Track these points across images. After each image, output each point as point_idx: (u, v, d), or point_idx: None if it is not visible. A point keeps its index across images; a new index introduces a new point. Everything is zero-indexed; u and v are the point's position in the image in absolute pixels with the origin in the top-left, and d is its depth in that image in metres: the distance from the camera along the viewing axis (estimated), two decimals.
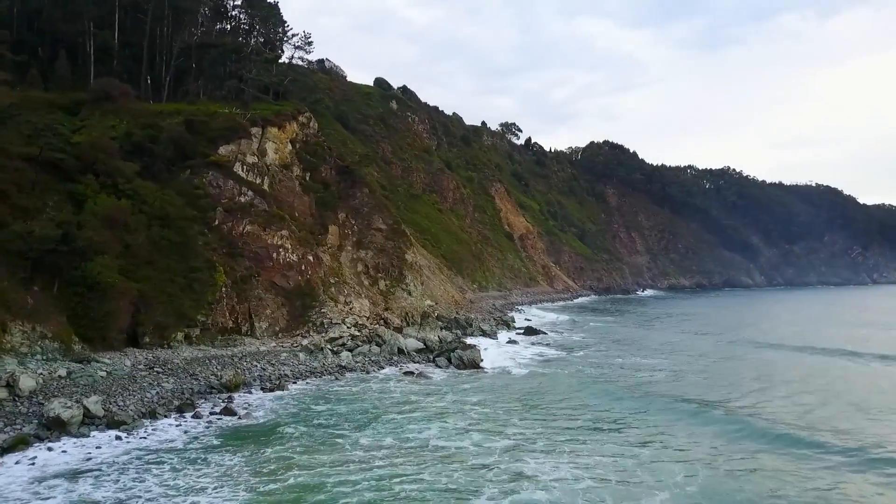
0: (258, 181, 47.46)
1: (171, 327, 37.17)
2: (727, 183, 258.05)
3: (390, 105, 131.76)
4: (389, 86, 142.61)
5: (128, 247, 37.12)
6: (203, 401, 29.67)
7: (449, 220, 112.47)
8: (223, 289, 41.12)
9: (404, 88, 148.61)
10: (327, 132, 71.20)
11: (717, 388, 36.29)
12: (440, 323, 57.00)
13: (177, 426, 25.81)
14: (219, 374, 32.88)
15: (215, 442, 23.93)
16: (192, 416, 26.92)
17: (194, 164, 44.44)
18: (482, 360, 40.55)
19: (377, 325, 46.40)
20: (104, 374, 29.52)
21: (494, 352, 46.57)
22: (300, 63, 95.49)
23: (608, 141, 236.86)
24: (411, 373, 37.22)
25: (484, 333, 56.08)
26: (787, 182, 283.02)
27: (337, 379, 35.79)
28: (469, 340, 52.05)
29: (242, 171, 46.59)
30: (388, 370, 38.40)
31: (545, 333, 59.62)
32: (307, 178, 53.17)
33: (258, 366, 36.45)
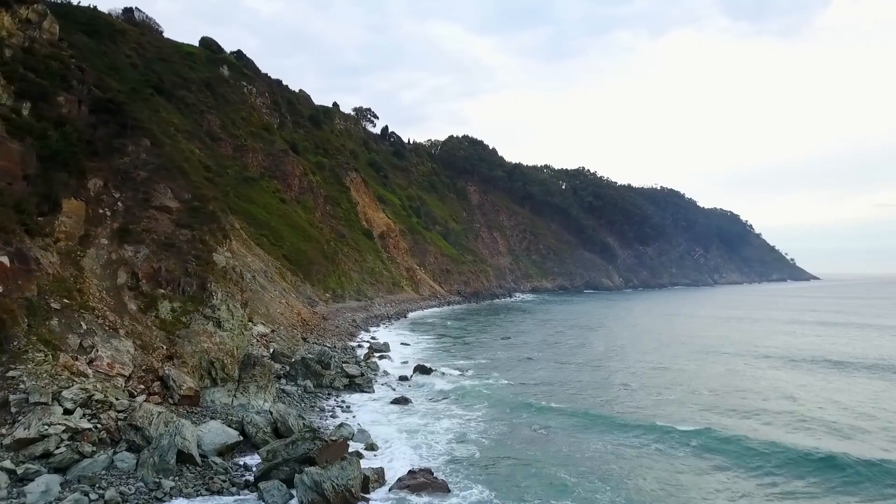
0: None
1: None
2: (583, 183, 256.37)
3: (220, 71, 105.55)
4: (220, 48, 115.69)
5: None
6: None
7: (294, 213, 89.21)
8: None
9: (239, 54, 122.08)
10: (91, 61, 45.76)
11: None
12: (278, 368, 34.36)
13: None
14: None
15: None
16: None
17: None
18: (368, 480, 18.68)
19: (143, 398, 23.21)
20: None
21: (379, 431, 25.18)
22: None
23: (468, 136, 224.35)
24: None
25: (352, 383, 34.31)
26: (635, 184, 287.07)
27: None
28: (330, 405, 30.09)
29: None
30: None
31: (441, 374, 39.00)
32: (25, 112, 28.49)
33: None
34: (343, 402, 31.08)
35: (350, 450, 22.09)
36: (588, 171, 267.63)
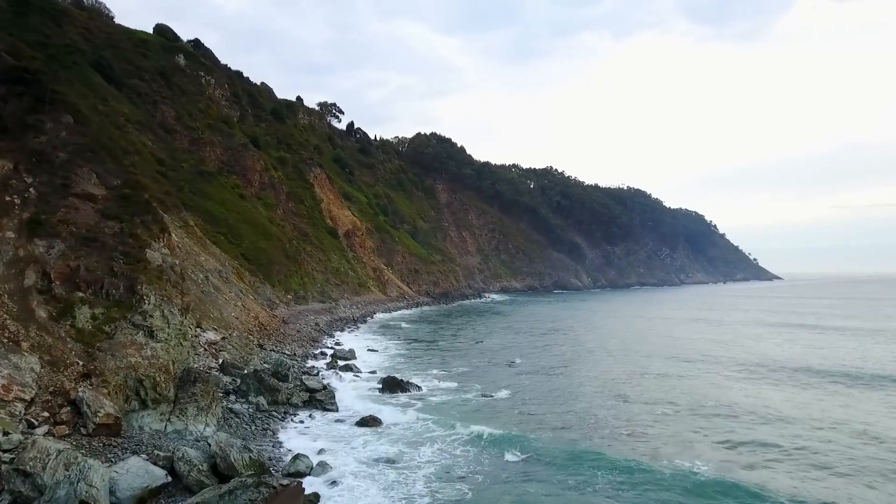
0: None
1: None
2: (551, 182, 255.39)
3: (176, 60, 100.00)
4: (176, 36, 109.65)
5: None
6: None
7: (254, 210, 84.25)
8: None
9: (196, 42, 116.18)
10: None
11: None
12: (228, 381, 29.84)
13: None
14: None
15: None
16: None
17: None
18: None
19: (44, 430, 18.59)
20: None
21: (343, 463, 20.93)
22: None
23: (435, 133, 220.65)
24: None
25: (312, 399, 29.92)
26: (602, 184, 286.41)
27: None
28: (285, 428, 25.69)
29: None
30: None
31: (418, 388, 34.81)
32: None
33: None
34: (301, 422, 26.73)
35: (307, 490, 17.87)
36: (556, 170, 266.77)
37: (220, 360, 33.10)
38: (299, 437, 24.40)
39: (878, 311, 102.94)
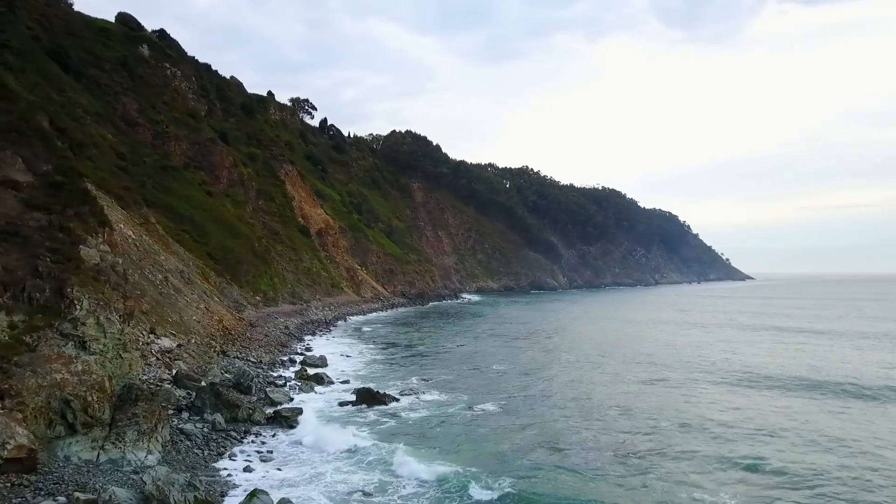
0: None
1: None
2: (527, 182, 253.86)
3: (140, 50, 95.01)
4: (140, 25, 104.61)
5: None
6: None
7: (222, 207, 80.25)
8: None
9: (162, 33, 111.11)
10: None
11: None
12: (181, 396, 26.31)
13: None
14: None
15: None
16: None
17: None
18: None
19: None
20: None
21: (310, 497, 17.69)
22: None
23: (410, 131, 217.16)
24: None
25: (277, 415, 26.43)
26: (577, 184, 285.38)
27: None
28: (244, 452, 22.23)
29: None
30: None
31: (395, 399, 31.54)
32: None
33: None
34: (263, 444, 23.32)
35: None
36: (531, 169, 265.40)
37: (175, 371, 29.47)
38: (260, 463, 21.01)
39: (863, 313, 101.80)
